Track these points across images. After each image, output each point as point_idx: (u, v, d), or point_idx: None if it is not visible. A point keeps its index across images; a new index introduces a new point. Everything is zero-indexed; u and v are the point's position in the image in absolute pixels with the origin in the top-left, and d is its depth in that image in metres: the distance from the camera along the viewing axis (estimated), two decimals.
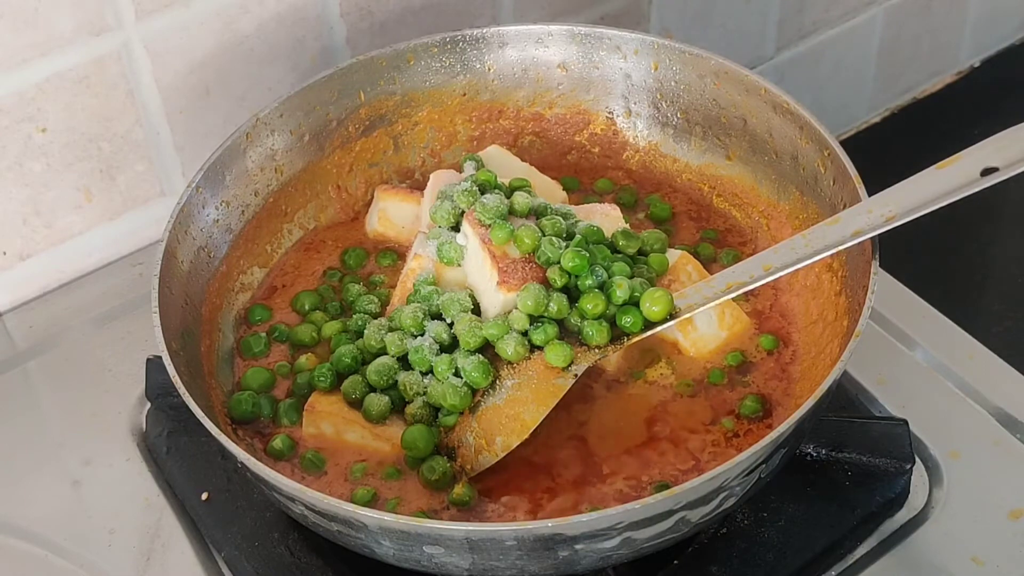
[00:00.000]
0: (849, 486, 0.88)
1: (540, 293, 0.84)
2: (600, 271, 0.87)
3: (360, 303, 0.94)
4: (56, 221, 1.07)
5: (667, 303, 0.85)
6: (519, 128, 1.08)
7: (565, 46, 1.04)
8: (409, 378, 0.86)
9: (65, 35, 0.99)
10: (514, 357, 0.84)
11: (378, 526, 0.74)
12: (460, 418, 0.85)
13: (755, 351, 0.91)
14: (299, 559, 0.86)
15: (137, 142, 1.07)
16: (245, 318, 0.96)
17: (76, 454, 0.97)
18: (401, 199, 1.01)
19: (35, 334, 1.07)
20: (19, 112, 1.01)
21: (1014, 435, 0.93)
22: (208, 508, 0.90)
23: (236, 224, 0.97)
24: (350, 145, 1.04)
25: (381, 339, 0.88)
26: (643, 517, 0.73)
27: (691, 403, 0.88)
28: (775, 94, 0.96)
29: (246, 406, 0.88)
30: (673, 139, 1.05)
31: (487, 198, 0.89)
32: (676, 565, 0.84)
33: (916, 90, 1.60)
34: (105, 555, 0.90)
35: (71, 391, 1.02)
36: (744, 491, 0.78)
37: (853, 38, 1.49)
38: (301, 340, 0.94)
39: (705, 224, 1.02)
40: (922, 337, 1.01)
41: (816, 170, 0.93)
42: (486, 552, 0.74)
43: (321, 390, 0.88)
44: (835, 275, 0.90)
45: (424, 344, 0.87)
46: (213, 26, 1.05)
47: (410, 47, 1.03)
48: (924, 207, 0.82)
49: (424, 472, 0.84)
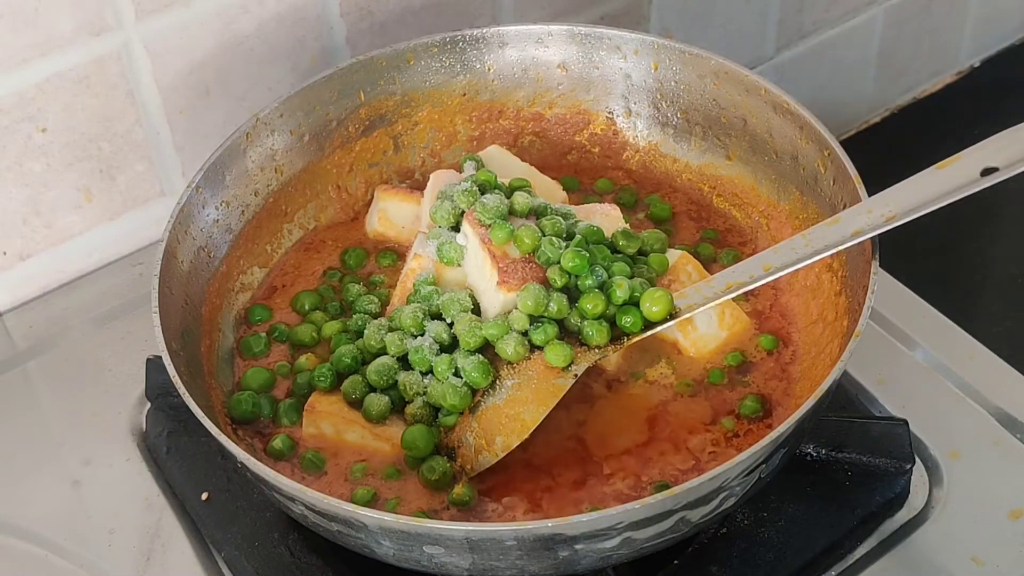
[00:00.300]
0: (849, 486, 0.88)
1: (540, 293, 0.84)
2: (600, 271, 0.87)
3: (360, 303, 0.94)
4: (56, 221, 1.07)
5: (667, 303, 0.85)
6: (519, 128, 1.08)
7: (565, 46, 1.04)
8: (409, 378, 0.86)
9: (65, 35, 0.99)
10: (514, 357, 0.84)
11: (378, 526, 0.74)
12: (460, 418, 0.85)
13: (755, 351, 0.91)
14: (299, 559, 0.86)
15: (137, 142, 1.07)
16: (245, 318, 0.97)
17: (76, 454, 0.97)
18: (401, 199, 1.01)
19: (35, 334, 1.07)
20: (19, 112, 1.00)
21: (1014, 435, 0.93)
22: (208, 508, 0.90)
23: (236, 224, 0.97)
24: (350, 145, 1.04)
25: (381, 339, 0.88)
26: (643, 517, 0.73)
27: (691, 403, 0.88)
28: (775, 94, 0.96)
29: (246, 406, 0.88)
30: (673, 139, 1.05)
31: (487, 198, 0.89)
32: (676, 565, 0.84)
33: (916, 90, 1.60)
34: (105, 555, 0.90)
35: (71, 391, 1.02)
36: (744, 491, 0.78)
37: (853, 38, 1.49)
38: (301, 340, 0.94)
39: (705, 224, 1.02)
40: (922, 337, 1.01)
41: (816, 170, 0.93)
42: (486, 552, 0.74)
43: (321, 390, 0.88)
44: (835, 275, 0.90)
45: (424, 344, 0.87)
46: (213, 26, 1.05)
47: (410, 47, 1.03)
48: (924, 207, 0.82)
49: (424, 472, 0.84)
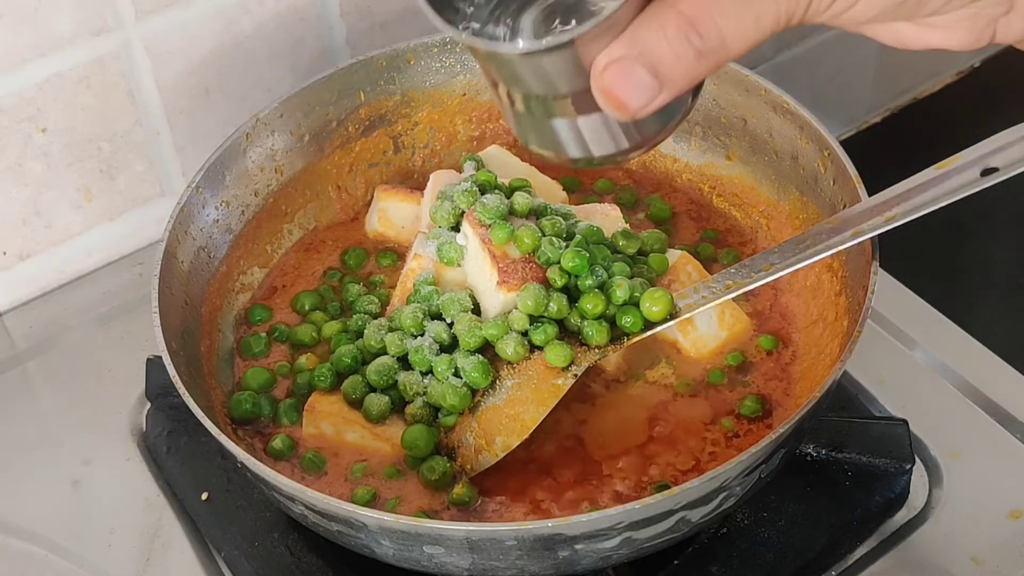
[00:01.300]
0: (849, 486, 0.88)
1: (540, 293, 0.84)
2: (600, 271, 0.86)
3: (360, 303, 0.94)
4: (56, 221, 1.07)
5: (667, 303, 0.85)
6: None
7: None
8: (409, 378, 0.86)
9: (65, 35, 0.99)
10: (514, 357, 0.84)
11: (378, 526, 0.74)
12: (460, 418, 0.85)
13: (755, 351, 0.91)
14: (299, 559, 0.86)
15: (137, 142, 1.07)
16: (245, 318, 0.97)
17: (76, 454, 0.97)
18: (401, 199, 1.01)
19: (35, 334, 1.07)
20: (19, 112, 1.00)
21: (1014, 435, 0.93)
22: (208, 508, 0.90)
23: (236, 224, 0.97)
24: (350, 145, 1.04)
25: (381, 339, 0.88)
26: (643, 517, 0.73)
27: (691, 403, 0.88)
28: (775, 94, 0.96)
29: (246, 406, 0.88)
30: (673, 139, 1.04)
31: (487, 198, 0.89)
32: (676, 565, 0.84)
33: (916, 90, 1.60)
34: (105, 555, 0.90)
35: (71, 391, 1.02)
36: (744, 491, 0.78)
37: (853, 38, 1.48)
38: (301, 340, 0.94)
39: (705, 224, 1.02)
40: (922, 337, 1.01)
41: (816, 170, 0.93)
42: (486, 552, 0.74)
43: (321, 390, 0.88)
44: (835, 275, 0.90)
45: (424, 344, 0.87)
46: (213, 26, 1.05)
47: (410, 47, 1.03)
48: (924, 207, 0.82)
49: (424, 472, 0.84)
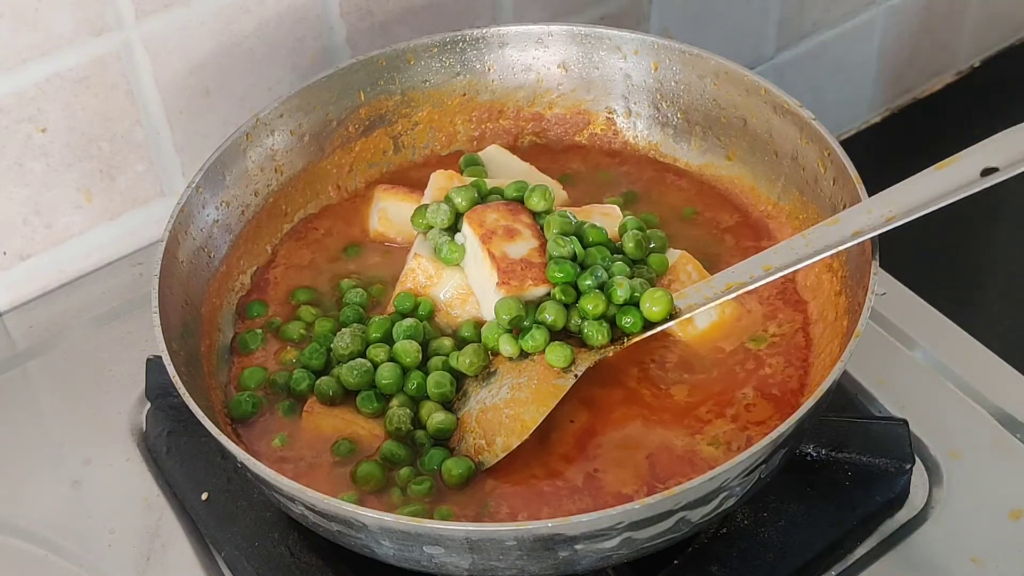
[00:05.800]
0: (849, 486, 0.88)
1: (515, 306, 0.84)
2: (600, 271, 0.87)
3: (349, 296, 0.94)
4: (56, 221, 1.07)
5: (667, 303, 0.85)
6: (519, 128, 1.08)
7: (565, 46, 1.04)
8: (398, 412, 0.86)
9: (65, 35, 0.99)
10: (470, 370, 0.86)
11: (378, 526, 0.74)
12: (460, 418, 0.85)
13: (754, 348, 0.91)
14: (299, 559, 0.86)
15: (137, 142, 1.07)
16: (242, 314, 0.96)
17: (76, 454, 0.97)
18: (401, 199, 1.01)
19: (35, 334, 1.07)
20: (19, 112, 1.00)
21: (1014, 435, 0.93)
22: (208, 508, 0.90)
23: (236, 224, 0.97)
24: (350, 145, 1.04)
25: (347, 346, 0.88)
26: (643, 517, 0.73)
27: (691, 403, 0.88)
28: (775, 94, 0.96)
29: (246, 406, 0.88)
30: (673, 139, 1.05)
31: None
32: (676, 565, 0.84)
33: (916, 90, 1.60)
34: (105, 555, 0.90)
35: (71, 391, 1.02)
36: (744, 491, 0.78)
37: (853, 38, 1.49)
38: (292, 338, 0.93)
39: (705, 224, 1.01)
40: (922, 337, 1.01)
41: (816, 170, 0.93)
42: (486, 552, 0.74)
43: (303, 392, 0.88)
44: (835, 275, 0.90)
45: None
46: (213, 26, 1.05)
47: (410, 47, 1.03)
48: (924, 207, 0.82)
49: (359, 480, 0.83)
